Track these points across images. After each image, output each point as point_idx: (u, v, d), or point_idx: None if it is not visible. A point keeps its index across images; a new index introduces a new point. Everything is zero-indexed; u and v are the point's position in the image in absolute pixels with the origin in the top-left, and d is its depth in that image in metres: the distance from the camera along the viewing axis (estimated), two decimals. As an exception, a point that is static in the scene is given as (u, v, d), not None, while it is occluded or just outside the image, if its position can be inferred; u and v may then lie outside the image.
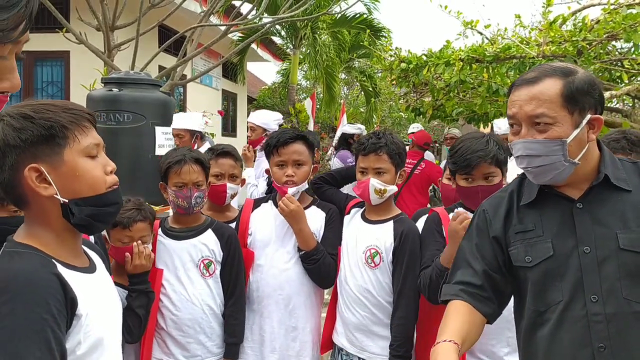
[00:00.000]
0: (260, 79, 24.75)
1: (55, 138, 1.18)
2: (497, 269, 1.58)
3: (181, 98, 11.65)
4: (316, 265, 2.34)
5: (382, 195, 2.26)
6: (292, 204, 2.32)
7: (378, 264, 2.28)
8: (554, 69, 1.47)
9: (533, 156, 1.45)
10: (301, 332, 2.40)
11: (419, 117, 7.22)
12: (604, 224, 1.45)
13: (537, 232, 1.52)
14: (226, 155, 2.70)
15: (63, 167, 1.19)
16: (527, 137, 1.45)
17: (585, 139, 1.46)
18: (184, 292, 2.31)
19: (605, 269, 1.42)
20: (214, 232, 2.38)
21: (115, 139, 3.85)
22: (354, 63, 16.73)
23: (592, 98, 1.45)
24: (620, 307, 1.40)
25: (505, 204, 1.61)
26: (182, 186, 2.29)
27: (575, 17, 5.32)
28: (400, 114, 18.47)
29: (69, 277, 1.15)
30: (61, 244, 1.22)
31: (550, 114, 1.41)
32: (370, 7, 14.11)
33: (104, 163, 1.27)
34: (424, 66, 5.19)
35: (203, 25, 5.40)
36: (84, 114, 1.24)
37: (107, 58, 5.33)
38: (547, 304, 1.49)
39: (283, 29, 13.66)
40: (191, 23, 5.90)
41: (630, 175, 1.50)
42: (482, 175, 2.09)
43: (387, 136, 2.31)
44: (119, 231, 2.19)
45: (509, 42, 5.07)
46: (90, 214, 1.22)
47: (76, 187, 1.20)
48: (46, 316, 1.05)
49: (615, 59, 5.13)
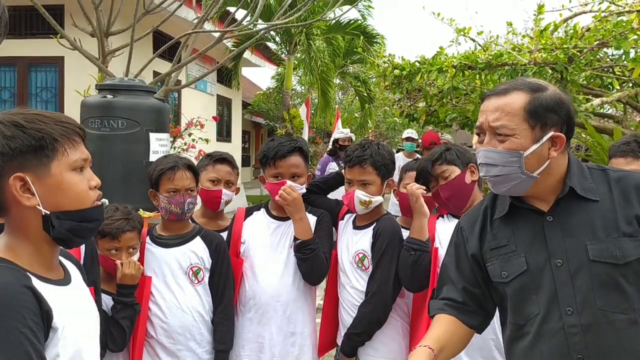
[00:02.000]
0: (255, 84, 24.80)
1: (44, 149, 1.17)
2: (477, 285, 1.62)
3: (176, 103, 11.66)
4: (311, 256, 2.33)
5: (367, 206, 2.29)
6: (294, 192, 2.33)
7: (368, 267, 2.31)
8: (524, 83, 1.50)
9: (491, 165, 1.47)
10: (299, 337, 2.42)
11: (412, 122, 7.27)
12: (574, 235, 1.46)
13: (511, 247, 1.54)
14: (224, 162, 2.70)
15: (49, 179, 1.18)
16: (488, 146, 1.48)
17: (545, 155, 1.46)
18: (173, 300, 2.31)
19: (578, 280, 1.43)
20: (203, 239, 2.38)
21: (109, 146, 3.86)
22: (348, 68, 16.81)
23: (557, 116, 1.45)
24: (595, 317, 1.41)
25: (480, 220, 1.64)
26: (175, 192, 2.30)
27: (566, 25, 5.38)
28: (394, 119, 18.54)
29: (44, 291, 1.14)
30: (37, 256, 1.21)
31: (510, 125, 1.44)
32: (364, 14, 14.22)
33: (89, 178, 1.26)
34: (417, 73, 5.23)
35: (198, 31, 5.42)
36: (75, 128, 1.24)
37: (101, 64, 5.34)
38: (525, 318, 1.50)
39: (277, 35, 13.73)
40: (186, 29, 5.93)
41: (598, 184, 1.50)
42: (439, 176, 2.28)
43: (373, 147, 2.33)
44: (107, 241, 2.20)
45: (501, 49, 5.12)
46: (70, 228, 1.22)
47: (59, 200, 1.20)
48: (24, 330, 1.05)
49: (606, 65, 5.18)
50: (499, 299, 1.60)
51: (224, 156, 2.73)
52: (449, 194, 2.24)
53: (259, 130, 23.16)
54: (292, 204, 2.33)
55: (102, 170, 3.82)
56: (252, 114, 19.95)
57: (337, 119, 10.01)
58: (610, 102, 5.23)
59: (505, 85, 1.52)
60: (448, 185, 2.24)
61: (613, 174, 1.52)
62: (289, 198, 2.31)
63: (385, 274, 2.25)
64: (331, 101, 15.22)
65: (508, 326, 1.58)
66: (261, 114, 19.88)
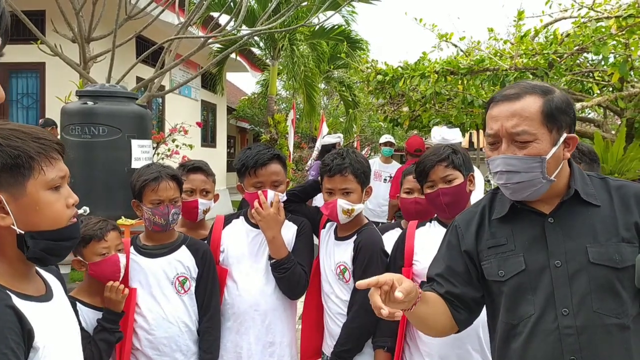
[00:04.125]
0: (240, 89, 24.75)
1: (20, 168, 1.14)
2: (466, 282, 1.61)
3: (160, 109, 11.59)
4: (286, 275, 2.33)
5: (350, 214, 2.28)
6: (264, 210, 2.31)
7: (348, 279, 2.29)
8: (533, 86, 1.50)
9: (512, 172, 1.45)
10: (278, 347, 2.39)
11: (397, 127, 7.31)
12: (574, 238, 1.47)
13: (509, 246, 1.54)
14: (197, 171, 2.65)
15: (24, 198, 1.15)
16: (507, 153, 1.45)
17: (561, 157, 1.47)
18: (159, 311, 2.27)
19: (576, 282, 1.44)
20: (188, 248, 2.35)
21: (91, 153, 3.83)
22: (333, 73, 16.85)
23: (568, 117, 1.48)
24: (590, 320, 1.42)
25: (477, 219, 1.64)
26: (159, 203, 2.25)
27: (547, 30, 5.44)
28: (379, 123, 18.61)
29: (25, 309, 1.12)
30: (15, 274, 1.18)
31: (531, 130, 1.43)
32: (348, 19, 14.26)
33: (66, 195, 1.23)
34: (400, 78, 5.26)
35: (181, 37, 5.40)
36: (52, 144, 1.20)
37: (82, 70, 5.30)
38: (519, 317, 1.51)
39: (261, 40, 13.71)
40: (169, 33, 5.90)
41: (599, 191, 1.53)
42: (441, 178, 2.14)
43: (351, 155, 2.31)
44: (94, 244, 2.16)
45: (483, 54, 5.16)
46: (46, 247, 1.19)
47: (35, 220, 1.17)
48: (5, 351, 1.02)
49: (586, 70, 5.26)
50: (491, 298, 1.60)
51: (196, 165, 2.68)
52: (450, 200, 2.13)
53: (244, 135, 23.12)
54: (264, 221, 2.32)
55: (83, 177, 3.78)
56: (237, 119, 19.91)
57: (322, 123, 10.02)
58: (591, 107, 5.30)
59: (514, 90, 1.50)
60: (451, 191, 2.12)
61: (613, 183, 1.55)
62: (262, 213, 2.31)
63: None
64: (316, 106, 15.23)
65: (499, 326, 1.57)
66: (246, 119, 19.85)
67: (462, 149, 2.29)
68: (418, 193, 2.38)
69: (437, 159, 2.14)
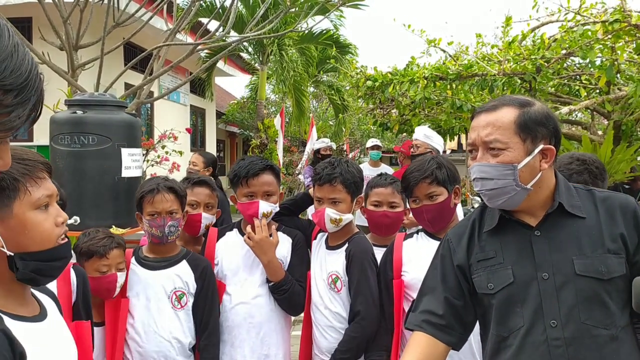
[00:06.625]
0: (229, 93, 24.69)
1: (5, 190, 1.13)
2: (460, 296, 1.63)
3: (148, 115, 11.54)
4: (286, 296, 2.35)
5: (337, 224, 2.29)
6: (256, 235, 2.32)
7: (340, 288, 2.30)
8: (513, 99, 1.55)
9: (486, 179, 1.51)
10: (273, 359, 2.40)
11: (386, 131, 7.33)
12: (560, 250, 1.50)
13: (498, 259, 1.56)
14: (202, 185, 2.66)
15: (11, 220, 1.14)
16: (482, 161, 1.51)
17: (537, 167, 1.51)
18: (152, 324, 2.27)
19: (564, 294, 1.46)
20: (189, 263, 2.35)
21: (80, 162, 3.79)
22: (322, 77, 16.88)
23: (545, 129, 1.51)
24: (579, 331, 1.44)
25: (467, 233, 1.67)
26: (156, 215, 2.27)
27: (534, 34, 5.49)
28: (369, 126, 18.65)
29: (17, 330, 1.09)
30: (7, 294, 1.17)
31: (503, 139, 1.48)
32: (336, 24, 14.30)
33: (55, 214, 1.22)
34: (390, 84, 5.28)
35: (170, 44, 5.38)
36: (38, 164, 1.20)
37: (70, 78, 5.26)
38: (509, 330, 1.53)
39: (250, 45, 13.71)
40: (157, 40, 5.87)
41: (585, 202, 1.55)
42: (424, 194, 2.16)
43: (342, 165, 2.33)
44: (95, 261, 2.17)
45: (471, 59, 5.20)
46: (36, 268, 1.18)
47: (23, 241, 1.16)
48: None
49: (574, 74, 5.31)
50: (482, 311, 1.62)
51: (202, 179, 2.70)
52: (433, 216, 2.17)
53: (233, 139, 23.05)
54: (258, 246, 2.33)
55: (73, 186, 3.75)
56: (226, 123, 19.86)
57: (311, 127, 10.03)
58: (579, 110, 5.36)
59: (494, 102, 1.56)
60: (433, 207, 2.15)
61: (599, 194, 1.58)
62: (255, 238, 2.32)
63: (368, 295, 2.23)
64: (306, 110, 15.24)
65: (490, 339, 1.59)
66: (235, 123, 19.80)
67: (447, 159, 2.31)
68: (387, 206, 2.40)
69: (421, 176, 2.16)
